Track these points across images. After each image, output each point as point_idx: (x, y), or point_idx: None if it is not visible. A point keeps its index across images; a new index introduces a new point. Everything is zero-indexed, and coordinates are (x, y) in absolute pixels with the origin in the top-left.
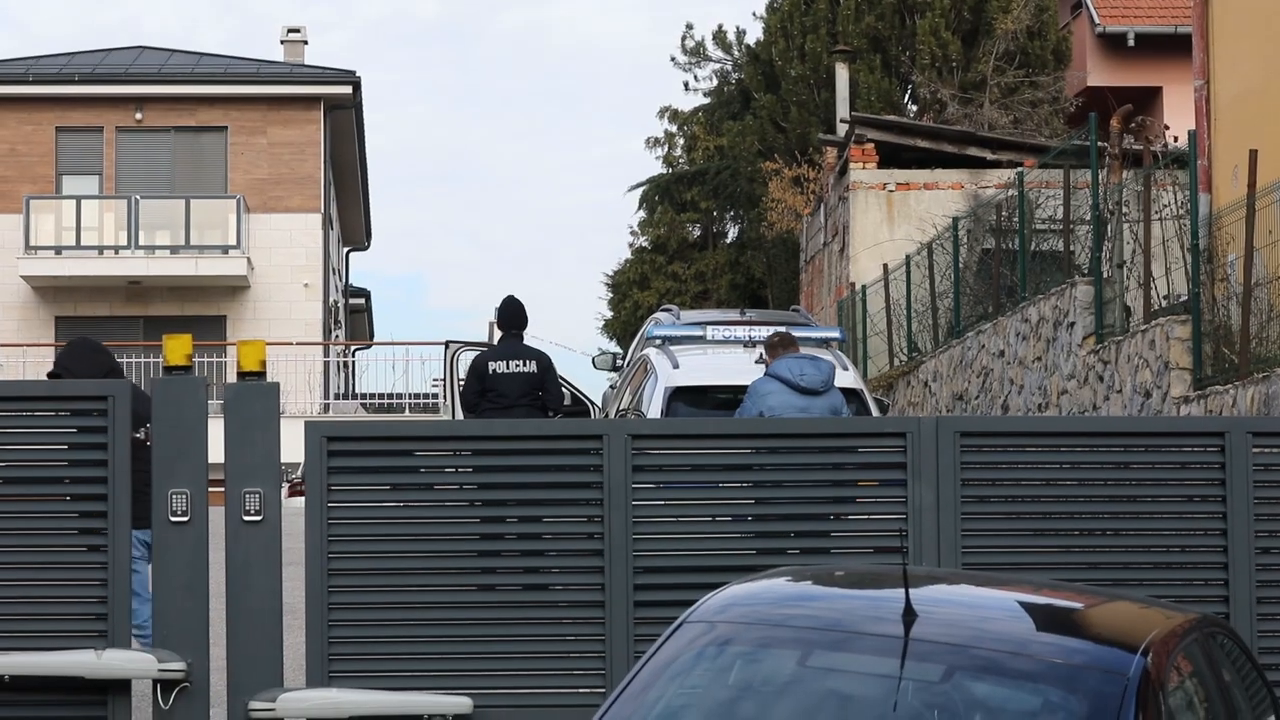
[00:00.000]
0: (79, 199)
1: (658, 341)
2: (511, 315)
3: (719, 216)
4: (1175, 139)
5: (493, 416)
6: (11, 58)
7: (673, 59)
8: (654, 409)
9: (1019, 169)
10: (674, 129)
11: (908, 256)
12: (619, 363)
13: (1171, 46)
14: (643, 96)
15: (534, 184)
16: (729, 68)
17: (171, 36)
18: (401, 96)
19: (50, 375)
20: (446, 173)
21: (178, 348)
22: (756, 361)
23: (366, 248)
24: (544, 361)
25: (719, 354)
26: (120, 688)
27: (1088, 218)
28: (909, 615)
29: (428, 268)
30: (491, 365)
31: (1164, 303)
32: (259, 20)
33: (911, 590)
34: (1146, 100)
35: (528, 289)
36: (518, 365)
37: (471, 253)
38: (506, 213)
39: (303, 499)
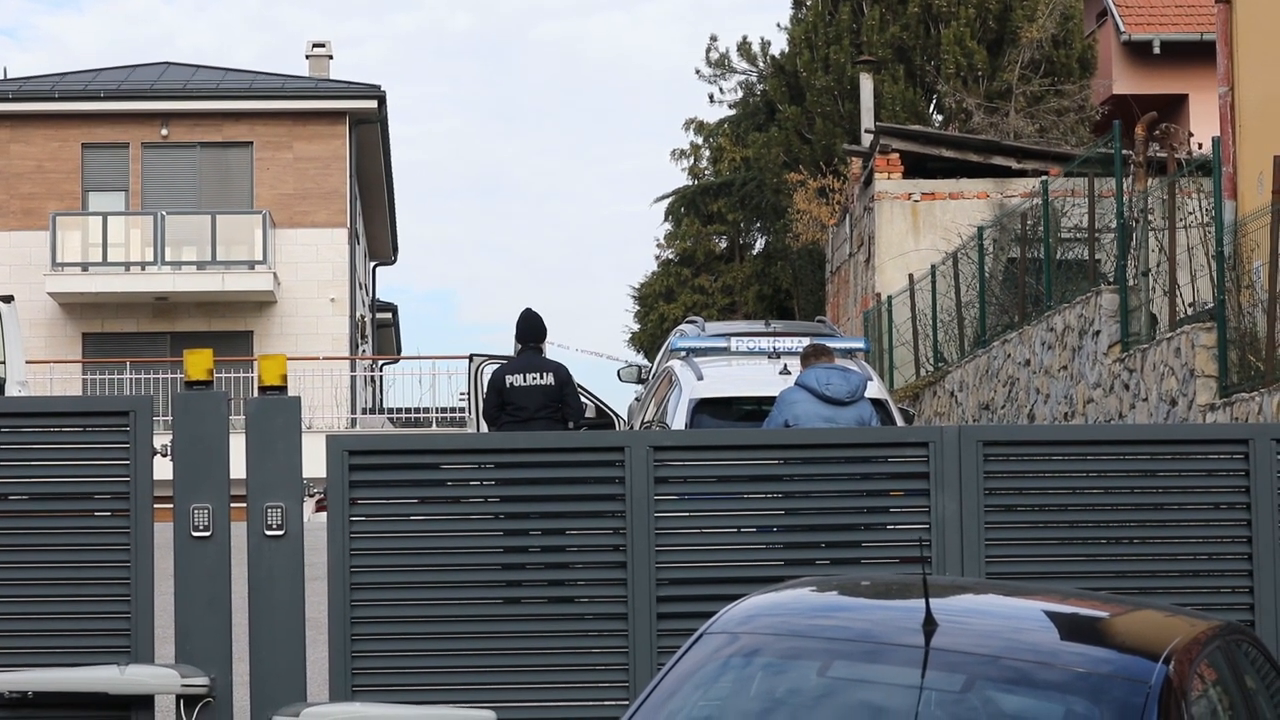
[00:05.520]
0: (105, 215)
1: (682, 353)
2: (529, 328)
3: (745, 228)
4: (1200, 146)
5: (512, 429)
6: (37, 75)
7: (698, 71)
8: (678, 421)
9: (1044, 178)
10: (700, 141)
11: (933, 266)
12: (644, 375)
13: (1197, 54)
14: (672, 108)
15: (564, 197)
16: (754, 79)
17: (203, 52)
18: (433, 110)
19: None
20: (477, 187)
21: (199, 362)
22: (781, 373)
23: (393, 262)
24: (562, 374)
25: (743, 365)
26: (143, 703)
27: (1113, 226)
28: (929, 625)
29: (459, 282)
30: (509, 379)
31: (1189, 310)
32: (290, 36)
33: (935, 600)
34: (1172, 108)
35: (557, 302)
36: (534, 378)
37: (502, 267)
38: (537, 226)
39: None
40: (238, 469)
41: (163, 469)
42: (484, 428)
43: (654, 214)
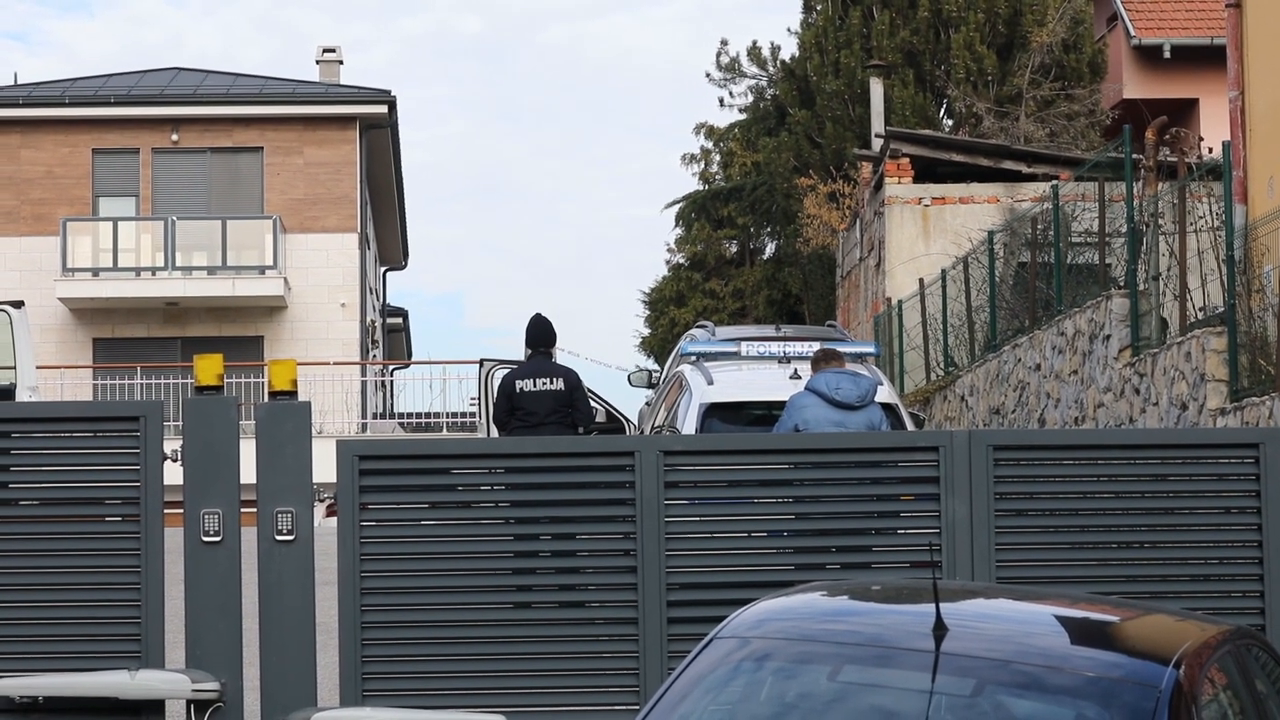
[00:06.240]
0: (116, 221)
1: (692, 358)
2: (538, 333)
3: (756, 233)
4: (1210, 150)
5: (522, 434)
6: (48, 80)
7: (708, 75)
8: (689, 425)
9: (1054, 182)
10: (710, 145)
11: (943, 271)
12: (655, 379)
13: (1207, 58)
14: (681, 112)
15: (573, 200)
16: (764, 84)
17: (210, 55)
18: (441, 113)
19: None
20: (485, 189)
21: (209, 367)
22: (791, 377)
23: (404, 267)
24: (572, 379)
25: (753, 370)
26: (154, 708)
27: (1123, 230)
28: (940, 630)
29: (467, 286)
30: (519, 384)
31: (1200, 315)
32: (298, 39)
33: (946, 605)
34: (1183, 112)
35: (566, 306)
36: (544, 383)
37: (510, 270)
38: (545, 230)
39: None
40: (248, 474)
41: (173, 474)
42: (494, 432)
43: (662, 216)
